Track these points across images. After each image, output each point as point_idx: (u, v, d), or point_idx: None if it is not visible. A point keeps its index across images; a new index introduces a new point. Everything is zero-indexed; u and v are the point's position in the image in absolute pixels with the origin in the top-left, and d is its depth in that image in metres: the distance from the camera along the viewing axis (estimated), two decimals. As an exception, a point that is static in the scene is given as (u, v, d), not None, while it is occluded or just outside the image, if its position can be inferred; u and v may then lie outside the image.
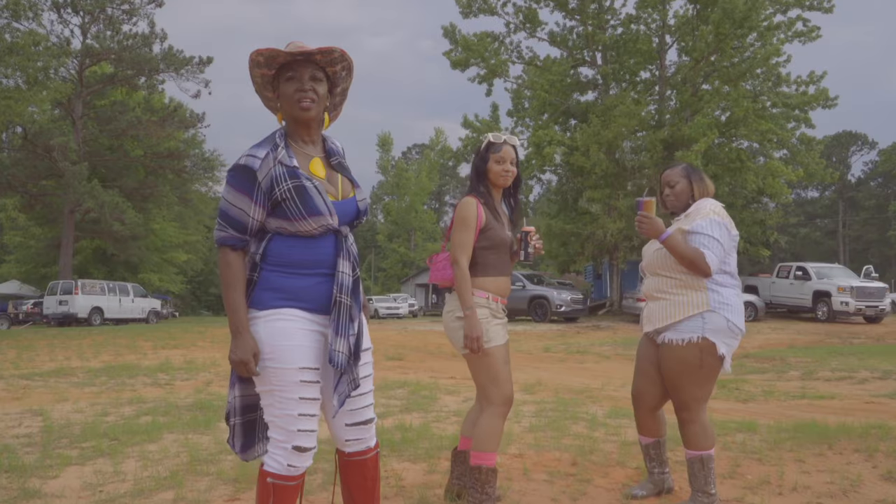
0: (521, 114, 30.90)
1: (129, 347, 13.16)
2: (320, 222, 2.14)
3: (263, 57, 2.18)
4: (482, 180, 3.27)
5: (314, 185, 2.15)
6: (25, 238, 38.46)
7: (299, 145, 2.27)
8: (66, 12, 34.46)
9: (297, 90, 2.18)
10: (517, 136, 30.49)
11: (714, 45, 24.99)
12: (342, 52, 2.22)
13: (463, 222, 3.15)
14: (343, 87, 2.36)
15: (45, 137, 31.17)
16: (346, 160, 2.37)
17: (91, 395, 7.47)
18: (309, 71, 2.20)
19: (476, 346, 3.01)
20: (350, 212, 2.23)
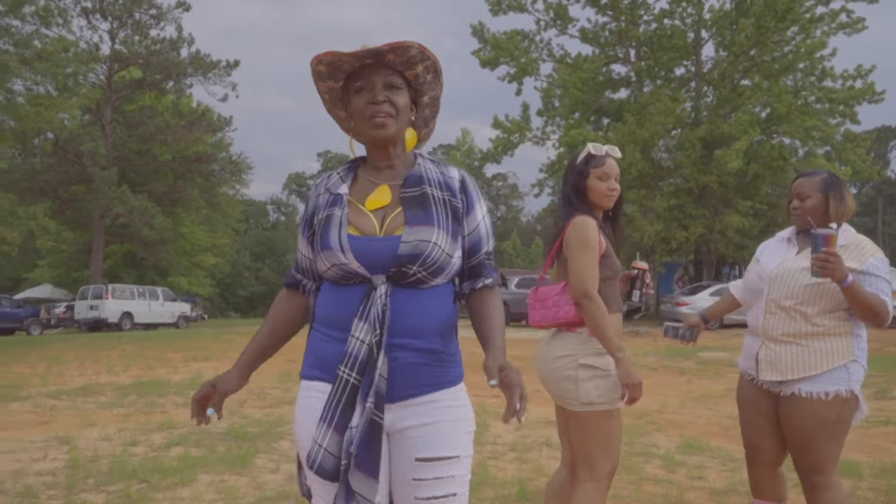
0: (551, 113, 30.24)
1: (159, 360, 12.83)
2: (331, 260, 1.69)
3: (325, 65, 1.74)
4: (582, 199, 2.72)
5: (339, 214, 1.73)
6: (57, 243, 38.65)
7: (370, 173, 1.83)
8: (94, 18, 34.65)
9: (369, 103, 1.72)
10: (548, 137, 30.09)
11: (754, 38, 24.18)
12: (420, 47, 1.71)
13: (586, 245, 2.58)
14: (432, 95, 1.86)
15: (75, 143, 31.30)
16: (442, 191, 1.79)
17: (119, 418, 7.08)
18: (382, 77, 1.73)
19: (639, 393, 2.51)
20: (383, 254, 1.66)
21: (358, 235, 1.69)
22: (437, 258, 1.68)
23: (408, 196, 1.74)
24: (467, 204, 1.80)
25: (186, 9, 35.93)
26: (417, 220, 1.69)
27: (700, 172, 23.96)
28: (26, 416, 7.15)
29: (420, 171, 1.81)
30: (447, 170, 1.84)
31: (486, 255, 1.83)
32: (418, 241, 1.66)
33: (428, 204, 1.74)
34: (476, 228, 1.81)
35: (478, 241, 1.81)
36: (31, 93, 20.37)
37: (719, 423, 6.81)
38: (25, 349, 15.19)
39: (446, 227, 1.72)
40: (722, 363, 12.39)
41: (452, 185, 1.79)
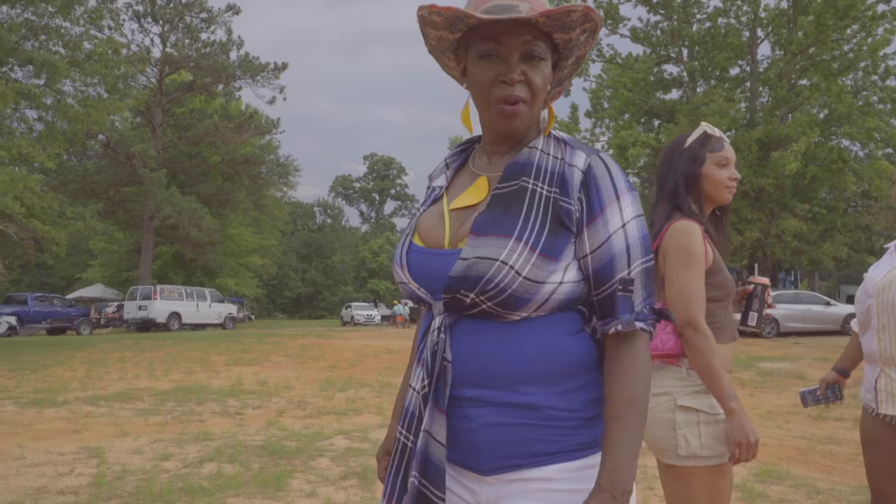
0: (599, 114, 29.65)
1: (201, 363, 12.69)
2: (396, 276, 1.34)
3: (442, 17, 1.25)
4: (692, 192, 2.18)
5: (415, 220, 1.38)
6: (109, 243, 39.32)
7: (482, 159, 1.39)
8: (146, 22, 35.12)
9: (498, 80, 1.24)
10: (597, 138, 29.44)
11: (813, 36, 23.26)
12: (586, 9, 1.21)
13: (691, 258, 2.01)
14: (579, 54, 1.35)
15: (126, 145, 31.77)
16: (550, 185, 1.26)
17: (154, 427, 6.85)
18: (521, 44, 1.24)
19: (753, 454, 1.94)
20: (437, 274, 1.23)
21: (419, 246, 1.30)
22: (506, 284, 1.16)
23: (500, 193, 1.26)
24: (588, 206, 1.24)
25: (236, 12, 36.28)
26: (487, 229, 1.20)
27: (756, 175, 23.12)
28: (60, 424, 6.96)
29: (529, 157, 1.29)
30: (572, 155, 1.28)
31: (621, 285, 1.24)
32: (477, 260, 1.17)
33: (517, 204, 1.23)
34: (605, 244, 1.23)
35: (607, 261, 1.23)
36: (82, 95, 20.59)
37: (794, 445, 6.27)
38: (71, 350, 15.25)
39: (533, 239, 1.19)
40: (783, 374, 11.75)
41: (569, 178, 1.25)
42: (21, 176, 16.92)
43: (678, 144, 2.25)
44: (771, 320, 19.48)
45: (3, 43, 16.71)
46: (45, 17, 18.53)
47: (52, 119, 19.67)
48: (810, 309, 19.93)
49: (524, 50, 1.24)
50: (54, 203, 20.00)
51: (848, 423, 7.43)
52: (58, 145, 19.96)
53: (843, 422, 7.53)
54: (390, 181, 79.39)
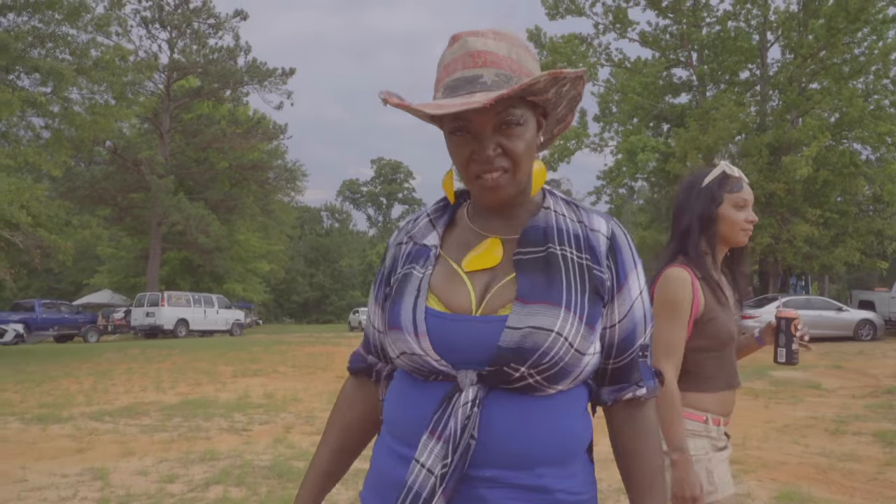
0: (608, 119, 29.51)
1: (209, 374, 12.60)
2: (401, 345, 1.15)
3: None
4: (707, 233, 2.13)
5: (420, 276, 1.19)
6: (117, 249, 39.38)
7: (476, 219, 1.27)
8: (154, 28, 35.16)
9: (472, 158, 1.14)
10: (605, 143, 29.28)
11: (824, 40, 23.07)
12: (552, 76, 1.08)
13: (671, 309, 2.00)
14: (571, 97, 1.23)
15: (134, 151, 31.78)
16: (579, 251, 1.18)
17: (160, 446, 6.74)
18: (492, 116, 1.11)
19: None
20: (477, 344, 1.10)
21: (442, 312, 1.14)
22: (560, 357, 1.09)
23: (526, 259, 1.16)
24: (618, 274, 1.19)
25: (244, 18, 36.26)
26: (535, 296, 1.11)
27: (766, 180, 22.91)
28: (64, 443, 6.86)
29: (547, 219, 1.21)
30: (590, 219, 1.23)
31: (641, 351, 1.23)
32: (532, 330, 1.08)
33: (555, 271, 1.14)
34: (629, 312, 1.20)
35: (630, 330, 1.20)
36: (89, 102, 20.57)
37: (814, 463, 6.10)
38: (78, 360, 15.18)
39: (579, 309, 1.12)
40: (798, 384, 11.57)
41: (596, 244, 1.19)
42: (27, 185, 16.89)
43: (696, 182, 2.19)
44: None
45: (9, 51, 16.69)
46: (51, 24, 18.52)
47: (58, 126, 19.64)
48: (822, 315, 19.70)
49: (497, 121, 1.12)
50: (60, 211, 19.98)
51: (867, 438, 7.27)
52: (64, 153, 19.94)
53: (861, 436, 7.37)
54: (398, 185, 79.33)
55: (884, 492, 5.23)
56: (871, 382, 11.72)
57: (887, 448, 6.75)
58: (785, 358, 2.20)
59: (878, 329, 20.52)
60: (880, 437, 7.21)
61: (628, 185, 28.63)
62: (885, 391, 10.75)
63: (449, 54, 1.16)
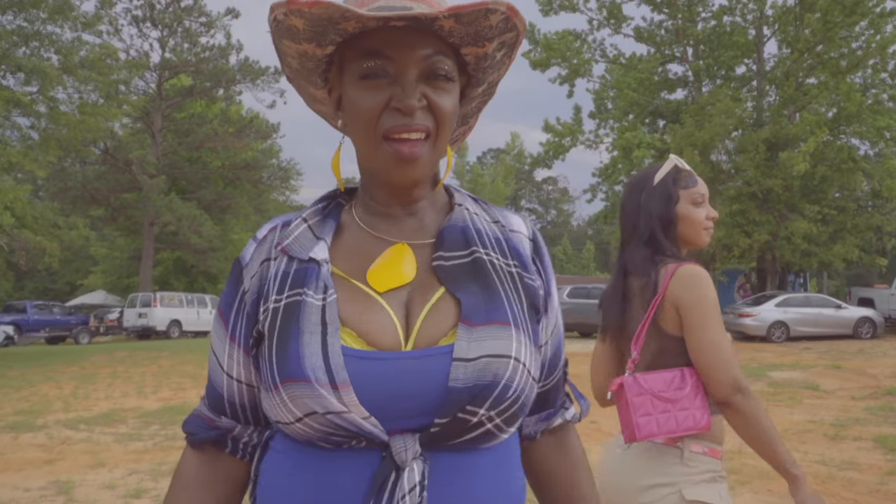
0: (604, 115, 29.24)
1: (193, 378, 12.35)
2: (308, 404, 0.82)
3: (306, 18, 0.84)
4: (671, 236, 1.86)
5: (318, 304, 0.87)
6: (111, 249, 39.16)
7: (370, 219, 0.98)
8: (145, 26, 34.87)
9: (390, 106, 0.87)
10: (601, 140, 29.00)
11: (821, 34, 22.84)
12: (509, 9, 0.85)
13: (715, 309, 1.72)
14: (492, 79, 1.00)
15: (126, 151, 31.53)
16: (505, 257, 0.97)
17: (133, 456, 6.48)
18: (419, 58, 0.88)
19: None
20: (419, 390, 0.83)
21: (365, 351, 0.85)
22: (521, 388, 0.86)
23: (450, 266, 0.91)
24: (547, 281, 1.01)
25: (236, 16, 36.03)
26: (480, 314, 0.87)
27: (764, 176, 22.68)
28: (33, 453, 6.60)
29: (463, 218, 0.97)
30: (506, 218, 1.02)
31: (565, 368, 1.06)
32: (489, 359, 0.84)
33: (489, 280, 0.91)
34: (556, 328, 1.03)
35: (557, 345, 1.03)
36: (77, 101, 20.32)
37: (813, 472, 5.85)
38: (63, 364, 14.92)
39: (526, 326, 0.91)
40: (796, 384, 11.33)
41: (520, 248, 0.98)
42: (10, 186, 16.64)
43: (646, 180, 1.92)
44: (781, 324, 19.08)
45: (-8, 50, 16.46)
46: (36, 22, 18.24)
47: (45, 127, 19.38)
48: (821, 312, 19.50)
49: (425, 66, 0.88)
50: (47, 212, 19.73)
51: (867, 444, 7.02)
52: (52, 153, 19.68)
53: (862, 441, 7.12)
54: (394, 183, 79.30)
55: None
56: (871, 383, 11.49)
57: (889, 455, 6.50)
58: None
59: (878, 326, 20.26)
60: (881, 443, 6.96)
61: (624, 183, 28.37)
62: (886, 392, 10.51)
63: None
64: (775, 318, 19.09)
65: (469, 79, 0.98)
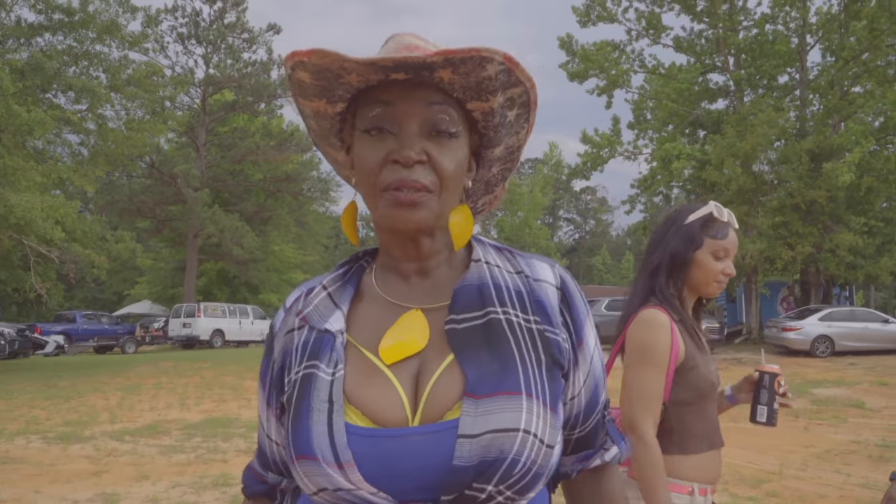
0: (642, 126, 29.01)
1: (234, 390, 12.57)
2: (317, 480, 0.85)
3: (309, 72, 0.88)
4: (676, 275, 1.90)
5: (328, 379, 0.89)
6: (156, 260, 40.03)
7: (388, 282, 0.99)
8: (190, 43, 35.71)
9: (390, 159, 0.89)
10: (640, 151, 28.75)
11: (867, 42, 22.38)
12: (506, 61, 0.86)
13: (648, 357, 1.78)
14: (510, 144, 1.00)
15: (171, 165, 32.28)
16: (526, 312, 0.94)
17: (176, 468, 6.65)
18: (422, 110, 0.89)
19: None
20: (422, 468, 0.83)
21: (369, 428, 0.86)
22: (532, 460, 0.84)
23: (461, 329, 0.90)
24: (575, 330, 0.96)
25: (277, 32, 36.69)
26: (488, 385, 0.85)
27: (807, 187, 22.26)
28: (81, 465, 6.81)
29: (480, 274, 0.95)
30: (531, 267, 0.98)
31: (605, 409, 1.02)
32: (493, 435, 0.82)
33: (502, 344, 0.89)
34: (590, 370, 0.98)
35: (594, 390, 0.99)
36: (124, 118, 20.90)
37: (855, 495, 5.75)
38: (109, 374, 15.29)
39: (541, 391, 0.88)
40: (841, 402, 11.09)
41: (544, 299, 0.95)
42: (60, 201, 17.18)
43: (679, 217, 1.94)
44: (825, 339, 18.69)
45: (44, 70, 17.01)
46: (85, 42, 18.83)
47: (94, 143, 19.96)
48: (867, 327, 19.06)
49: (426, 119, 0.89)
50: (95, 226, 20.30)
51: (914, 465, 6.86)
52: (100, 169, 20.28)
53: (908, 463, 6.96)
54: (432, 194, 79.55)
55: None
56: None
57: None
58: (766, 418, 1.97)
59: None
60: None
61: (663, 194, 28.05)
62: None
63: (381, 53, 0.94)
64: (819, 332, 18.71)
65: (482, 138, 0.97)
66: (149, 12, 25.52)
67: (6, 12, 18.80)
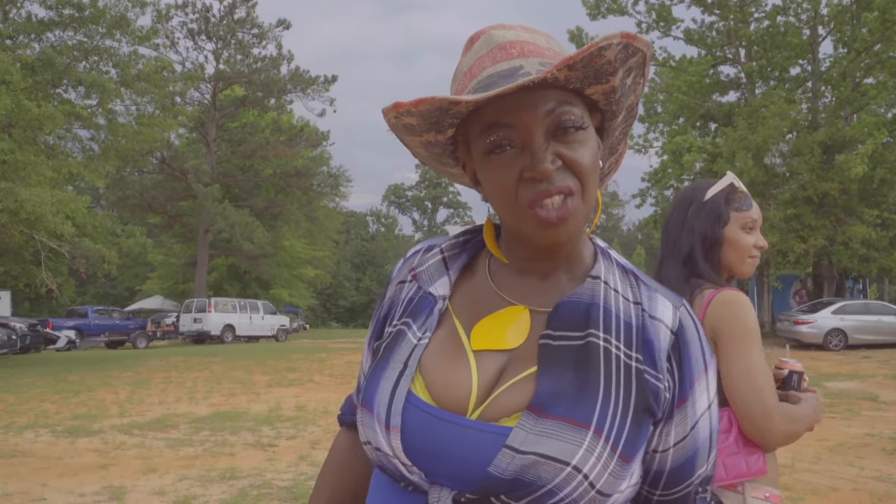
0: (653, 119, 28.87)
1: (243, 384, 12.59)
2: (366, 432, 0.86)
3: (416, 116, 0.84)
4: (710, 258, 1.76)
5: (413, 341, 0.89)
6: (167, 256, 40.20)
7: (503, 271, 0.95)
8: (200, 39, 35.77)
9: (526, 177, 0.83)
10: (650, 144, 28.63)
11: (879, 33, 22.13)
12: (624, 37, 0.78)
13: (755, 335, 1.60)
14: (629, 104, 0.92)
15: (181, 160, 32.38)
16: (630, 348, 0.85)
17: (183, 462, 6.64)
18: (542, 116, 0.83)
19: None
20: (460, 457, 0.80)
21: (427, 404, 0.85)
22: (572, 500, 0.77)
23: (556, 346, 0.85)
24: (681, 382, 0.87)
25: (287, 27, 36.68)
26: (557, 408, 0.80)
27: (819, 179, 22.07)
28: (89, 458, 6.82)
29: (594, 293, 0.89)
30: (652, 301, 0.90)
31: (701, 485, 0.91)
32: (539, 459, 0.77)
33: (592, 372, 0.83)
34: (691, 434, 0.88)
35: (690, 457, 0.88)
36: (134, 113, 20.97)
37: (869, 489, 5.67)
38: (119, 369, 15.37)
39: (615, 434, 0.80)
40: (854, 395, 10.99)
41: (654, 340, 0.87)
42: (70, 196, 17.27)
43: (696, 194, 1.80)
44: (838, 332, 18.55)
45: (55, 65, 17.07)
46: (95, 38, 18.89)
47: (104, 138, 20.04)
48: (881, 320, 18.90)
49: (550, 123, 0.83)
50: (106, 221, 20.39)
51: (928, 459, 6.77)
52: (110, 164, 20.35)
53: (922, 457, 6.88)
54: (442, 189, 79.30)
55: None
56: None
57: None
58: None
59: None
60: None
61: (674, 187, 27.88)
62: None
63: (471, 56, 0.89)
64: (832, 325, 18.57)
65: (604, 114, 0.92)
66: (159, 8, 25.62)
67: (17, 8, 18.91)
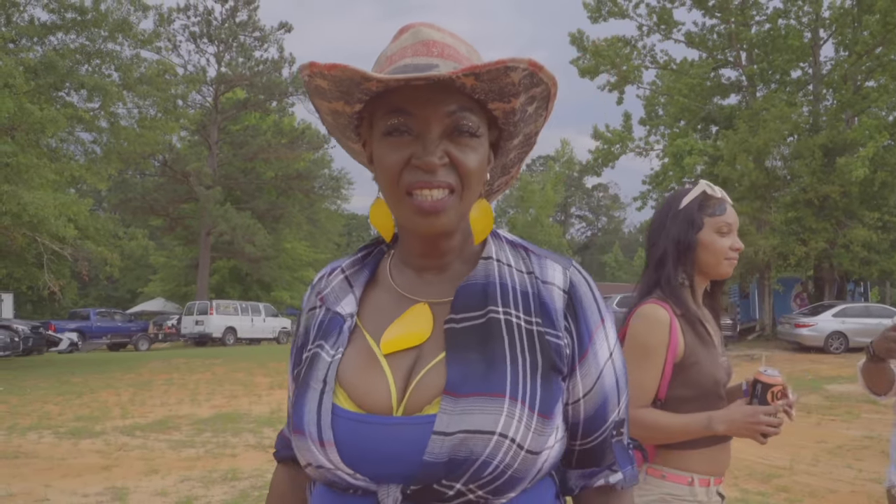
0: (654, 122, 28.87)
1: (244, 385, 12.65)
2: (306, 455, 0.90)
3: (328, 80, 0.88)
4: (684, 262, 1.85)
5: (327, 361, 0.93)
6: (169, 258, 40.25)
7: (402, 274, 1.00)
8: (202, 42, 35.84)
9: (411, 164, 0.88)
10: (651, 147, 28.65)
11: (880, 36, 22.17)
12: (531, 67, 0.85)
13: (643, 354, 1.74)
14: (528, 132, 1.00)
15: (183, 163, 32.45)
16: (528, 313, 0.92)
17: (185, 463, 6.69)
18: (442, 115, 0.88)
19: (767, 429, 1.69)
20: (397, 456, 0.85)
21: (353, 412, 0.89)
22: (506, 464, 0.84)
23: (460, 328, 0.90)
24: (579, 336, 0.94)
25: (288, 30, 36.75)
26: (469, 385, 0.86)
27: (820, 182, 22.10)
28: (92, 459, 6.87)
29: (487, 272, 0.94)
30: (542, 268, 0.96)
31: (615, 429, 0.98)
32: (466, 435, 0.82)
33: (496, 345, 0.89)
34: (597, 382, 0.95)
35: (600, 404, 0.95)
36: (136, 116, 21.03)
37: (867, 490, 5.70)
38: (122, 371, 15.42)
39: (529, 395, 0.87)
40: (854, 398, 10.99)
41: (548, 302, 0.93)
42: (73, 199, 17.32)
43: (673, 203, 1.91)
44: (839, 335, 18.56)
45: (57, 69, 17.14)
46: (97, 41, 18.96)
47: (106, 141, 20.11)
48: (882, 323, 18.85)
49: (449, 123, 0.89)
50: (108, 224, 20.44)
51: (927, 461, 6.79)
52: (113, 167, 20.41)
53: (921, 459, 6.89)
54: (443, 192, 79.61)
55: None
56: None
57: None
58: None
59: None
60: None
61: (675, 190, 27.94)
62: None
63: (397, 44, 0.94)
64: (833, 328, 18.59)
65: (501, 132, 0.98)
66: (161, 11, 25.69)
67: (19, 12, 18.97)
